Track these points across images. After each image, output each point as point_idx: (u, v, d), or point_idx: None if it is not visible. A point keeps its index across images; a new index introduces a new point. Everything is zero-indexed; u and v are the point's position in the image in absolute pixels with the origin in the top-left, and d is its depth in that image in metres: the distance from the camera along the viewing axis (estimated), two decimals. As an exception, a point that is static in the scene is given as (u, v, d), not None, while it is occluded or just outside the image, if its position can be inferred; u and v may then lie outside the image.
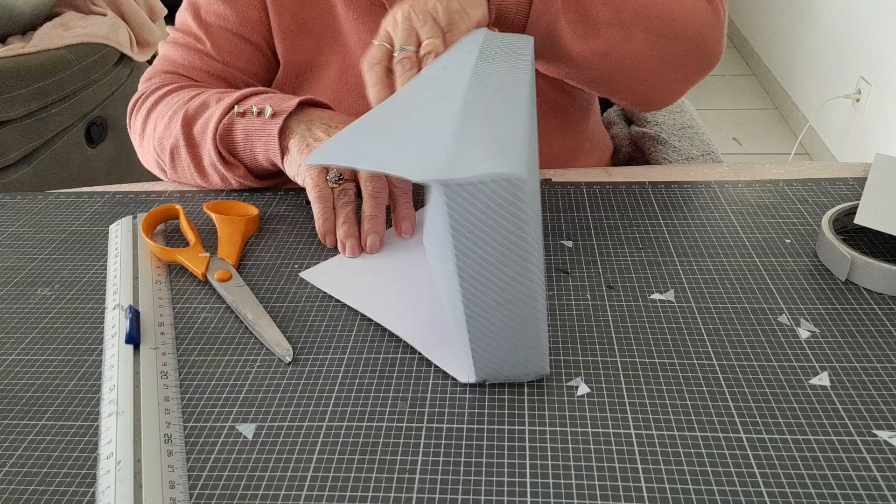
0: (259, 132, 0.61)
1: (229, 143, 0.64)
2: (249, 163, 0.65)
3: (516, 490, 0.36)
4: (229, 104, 0.63)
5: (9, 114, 1.65)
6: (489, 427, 0.40)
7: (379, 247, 0.56)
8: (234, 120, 0.62)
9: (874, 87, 2.01)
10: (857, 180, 0.62)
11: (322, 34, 0.73)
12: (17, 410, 0.44)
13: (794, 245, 0.54)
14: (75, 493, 0.38)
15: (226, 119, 0.63)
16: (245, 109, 0.62)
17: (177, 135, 0.65)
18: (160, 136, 0.67)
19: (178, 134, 0.65)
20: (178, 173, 0.68)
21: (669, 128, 0.88)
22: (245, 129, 0.62)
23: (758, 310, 0.48)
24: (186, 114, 0.65)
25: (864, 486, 0.35)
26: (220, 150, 0.63)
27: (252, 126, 0.61)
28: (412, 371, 0.45)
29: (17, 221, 0.66)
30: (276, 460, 0.39)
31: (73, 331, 0.51)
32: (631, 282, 0.51)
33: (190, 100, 0.66)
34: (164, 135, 0.67)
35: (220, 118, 0.62)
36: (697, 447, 0.38)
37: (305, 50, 0.74)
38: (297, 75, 0.75)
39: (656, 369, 0.44)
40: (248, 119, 0.62)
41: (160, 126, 0.67)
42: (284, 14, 0.72)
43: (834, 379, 0.42)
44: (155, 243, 0.57)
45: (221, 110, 0.63)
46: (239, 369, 0.46)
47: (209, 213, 0.61)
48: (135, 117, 0.72)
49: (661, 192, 0.63)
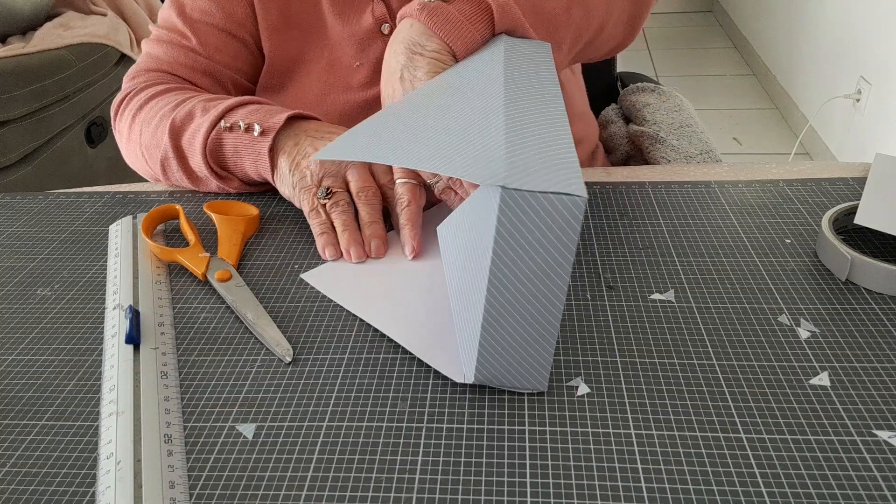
0: (248, 149, 0.60)
1: (219, 157, 0.63)
2: (241, 177, 0.64)
3: (516, 490, 0.36)
4: (215, 117, 0.62)
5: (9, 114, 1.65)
6: (489, 427, 0.40)
7: (384, 250, 0.56)
8: (223, 135, 0.61)
9: (874, 87, 2.01)
10: (857, 180, 0.62)
11: (308, 30, 0.73)
12: (17, 410, 0.44)
13: (794, 245, 0.54)
14: (75, 493, 0.38)
15: (213, 133, 0.62)
16: (232, 124, 0.61)
17: (165, 147, 0.65)
18: (147, 143, 0.67)
19: (167, 146, 0.64)
20: (171, 181, 0.68)
21: (668, 126, 0.88)
22: (234, 145, 0.61)
23: (758, 310, 0.48)
24: (174, 124, 0.64)
25: (864, 486, 0.35)
26: (212, 164, 0.63)
27: (241, 143, 0.61)
28: (412, 371, 0.45)
29: (17, 221, 0.66)
30: (276, 460, 0.39)
31: (73, 331, 0.51)
32: (631, 282, 0.51)
33: (176, 107, 0.65)
34: (150, 143, 0.66)
35: (207, 132, 0.62)
36: (697, 447, 0.38)
37: (292, 46, 0.74)
38: (283, 71, 0.75)
39: (656, 369, 0.44)
40: (236, 135, 0.61)
41: (146, 133, 0.67)
42: (271, 10, 0.72)
43: (834, 379, 0.42)
44: (155, 243, 0.57)
45: (208, 124, 0.62)
46: (239, 369, 0.46)
47: (209, 213, 0.61)
48: (120, 119, 0.71)
49: (661, 192, 0.63)
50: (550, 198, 0.36)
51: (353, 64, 0.72)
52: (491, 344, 0.40)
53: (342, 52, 0.73)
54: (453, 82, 0.51)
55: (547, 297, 0.39)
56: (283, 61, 0.74)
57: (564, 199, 0.36)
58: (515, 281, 0.38)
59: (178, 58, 0.72)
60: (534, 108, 0.45)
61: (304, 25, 0.73)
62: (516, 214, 0.36)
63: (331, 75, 0.73)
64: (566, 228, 0.36)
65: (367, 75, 0.72)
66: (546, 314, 0.39)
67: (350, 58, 0.72)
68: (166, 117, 0.65)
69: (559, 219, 0.36)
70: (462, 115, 0.45)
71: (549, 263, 0.38)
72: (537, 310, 0.39)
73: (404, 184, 0.57)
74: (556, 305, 0.39)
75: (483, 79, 0.49)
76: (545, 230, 0.36)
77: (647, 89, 0.95)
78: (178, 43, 0.72)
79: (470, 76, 0.51)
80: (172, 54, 0.72)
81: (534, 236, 0.37)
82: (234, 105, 0.63)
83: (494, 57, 0.52)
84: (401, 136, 0.46)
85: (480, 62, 0.53)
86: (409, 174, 0.57)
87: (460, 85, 0.50)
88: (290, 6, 0.73)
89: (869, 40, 2.06)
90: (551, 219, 0.36)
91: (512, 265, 0.38)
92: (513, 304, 0.39)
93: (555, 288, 0.38)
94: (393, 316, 0.49)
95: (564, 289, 0.39)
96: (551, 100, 0.47)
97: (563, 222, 0.36)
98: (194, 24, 0.72)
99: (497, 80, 0.48)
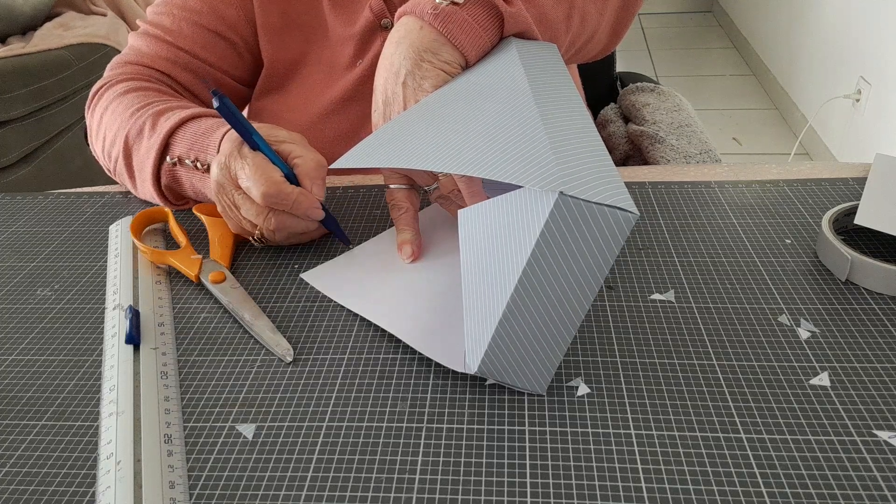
0: (203, 184, 0.60)
1: (180, 191, 0.63)
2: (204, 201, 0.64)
3: (516, 490, 0.36)
4: (159, 150, 0.61)
5: (9, 114, 1.65)
6: (489, 427, 0.40)
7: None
8: (178, 171, 0.61)
9: (874, 87, 2.01)
10: (857, 180, 0.62)
11: (309, 30, 0.73)
12: (17, 410, 0.44)
13: (794, 245, 0.54)
14: (75, 493, 0.38)
15: (165, 167, 0.61)
16: (178, 159, 0.61)
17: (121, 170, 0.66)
18: (108, 150, 0.67)
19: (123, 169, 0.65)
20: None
21: (667, 126, 0.88)
22: (191, 182, 0.61)
23: (758, 310, 0.48)
24: (127, 142, 0.64)
25: (864, 486, 0.35)
26: (168, 196, 0.63)
27: (195, 177, 0.60)
28: (412, 371, 0.45)
29: (17, 221, 0.66)
30: (276, 460, 0.39)
31: (73, 331, 0.51)
32: (631, 282, 0.51)
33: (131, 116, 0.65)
34: (111, 152, 0.67)
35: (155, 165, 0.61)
36: (697, 447, 0.38)
37: (292, 47, 0.74)
38: (283, 73, 0.75)
39: (656, 369, 0.44)
40: (188, 171, 0.60)
41: (108, 136, 0.67)
42: (272, 11, 0.72)
43: (834, 379, 0.42)
44: (146, 246, 0.57)
45: (153, 158, 0.61)
46: (239, 369, 0.46)
47: (199, 215, 0.60)
48: (92, 112, 0.71)
49: (661, 192, 0.63)
50: (604, 210, 0.36)
51: (354, 63, 0.72)
52: (504, 339, 0.40)
53: (343, 52, 0.73)
54: (473, 86, 0.51)
55: (572, 306, 0.39)
56: (283, 63, 0.74)
57: (617, 213, 0.36)
58: (546, 285, 0.38)
59: (160, 52, 0.72)
60: (564, 111, 0.45)
61: (304, 26, 0.73)
62: (566, 221, 0.36)
63: (331, 75, 0.73)
64: (610, 242, 0.37)
65: (369, 74, 0.72)
66: (566, 321, 0.40)
67: (350, 57, 0.72)
68: (123, 128, 0.65)
69: (606, 232, 0.36)
70: (495, 117, 0.45)
71: (585, 274, 0.38)
72: (559, 316, 0.39)
73: (399, 189, 0.56)
74: (578, 314, 0.39)
75: (505, 80, 0.49)
76: (590, 241, 0.37)
77: (647, 89, 0.95)
78: (161, 38, 0.72)
79: (490, 79, 0.51)
80: (155, 48, 0.72)
81: (577, 245, 0.37)
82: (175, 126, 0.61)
83: (510, 59, 0.52)
84: (431, 141, 0.45)
85: (496, 64, 0.53)
86: (403, 179, 0.56)
87: (482, 88, 0.49)
88: (291, 6, 0.72)
89: (869, 40, 2.06)
90: (599, 230, 0.36)
91: (548, 270, 0.38)
92: (536, 307, 0.39)
93: (582, 298, 0.39)
94: (393, 311, 0.49)
95: (591, 300, 0.39)
96: (575, 102, 0.47)
97: (610, 236, 0.36)
98: (181, 21, 0.72)
99: (521, 81, 0.48)
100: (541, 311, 0.39)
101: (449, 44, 0.53)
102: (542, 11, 0.58)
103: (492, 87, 0.49)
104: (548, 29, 0.59)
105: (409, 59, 0.53)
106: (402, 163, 0.45)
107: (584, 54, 0.70)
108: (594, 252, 0.37)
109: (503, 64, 0.52)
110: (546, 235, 0.37)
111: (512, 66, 0.50)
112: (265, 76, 0.75)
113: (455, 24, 0.53)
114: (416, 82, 0.53)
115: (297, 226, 0.56)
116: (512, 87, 0.48)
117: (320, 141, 0.72)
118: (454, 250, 0.55)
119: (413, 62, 0.53)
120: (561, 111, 0.44)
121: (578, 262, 0.37)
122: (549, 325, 0.40)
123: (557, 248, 0.37)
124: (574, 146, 0.40)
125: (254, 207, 0.54)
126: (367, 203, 0.64)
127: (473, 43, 0.54)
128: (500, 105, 0.46)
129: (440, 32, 0.53)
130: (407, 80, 0.53)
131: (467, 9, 0.54)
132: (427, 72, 0.53)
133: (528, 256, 0.37)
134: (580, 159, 0.39)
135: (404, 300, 0.50)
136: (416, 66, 0.53)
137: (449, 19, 0.53)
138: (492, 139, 0.42)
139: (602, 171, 0.38)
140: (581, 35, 0.64)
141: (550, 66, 0.52)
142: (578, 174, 0.37)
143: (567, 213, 0.36)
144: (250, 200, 0.54)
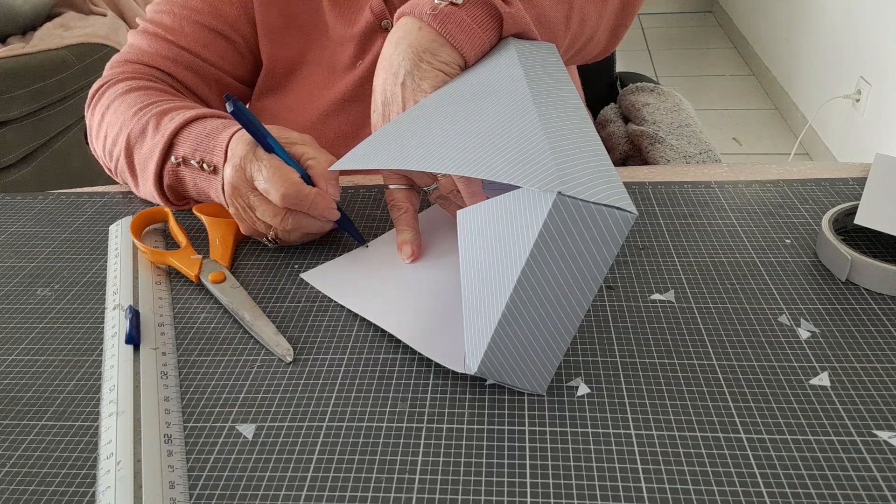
0: (208, 184, 0.60)
1: (182, 191, 0.63)
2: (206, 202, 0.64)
3: (516, 490, 0.36)
4: (163, 149, 0.61)
5: (9, 114, 1.65)
6: (489, 427, 0.40)
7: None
8: (181, 171, 0.61)
9: (874, 87, 2.01)
10: (857, 180, 0.62)
11: (309, 30, 0.73)
12: (17, 410, 0.44)
13: (794, 245, 0.54)
14: (75, 493, 0.38)
15: (168, 167, 0.61)
16: (183, 159, 0.60)
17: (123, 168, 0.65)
18: (109, 149, 0.67)
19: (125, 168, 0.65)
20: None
21: (667, 126, 0.88)
22: (195, 183, 0.61)
23: (758, 310, 0.48)
24: (129, 141, 0.64)
25: (864, 486, 0.35)
26: (169, 197, 0.63)
27: (200, 178, 0.60)
28: (412, 371, 0.45)
29: (17, 221, 0.66)
30: (276, 460, 0.39)
31: (73, 331, 0.51)
32: (631, 282, 0.51)
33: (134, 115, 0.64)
34: (112, 151, 0.66)
35: (159, 163, 0.61)
36: (697, 447, 0.38)
37: (292, 48, 0.73)
38: (283, 74, 0.75)
39: (656, 369, 0.44)
40: (192, 171, 0.60)
41: (110, 135, 0.67)
42: (272, 11, 0.72)
43: (834, 379, 0.42)
44: (146, 246, 0.57)
45: (157, 157, 0.61)
46: (239, 369, 0.46)
47: (199, 215, 0.61)
48: (92, 111, 0.71)
49: (661, 192, 0.63)
50: (603, 210, 0.36)
51: (354, 63, 0.72)
52: (503, 340, 0.40)
53: (343, 52, 0.73)
54: (472, 87, 0.51)
55: (571, 306, 0.39)
56: (283, 64, 0.74)
57: (616, 213, 0.36)
58: (545, 285, 0.38)
59: (160, 50, 0.72)
60: (563, 111, 0.45)
61: (304, 26, 0.73)
62: (564, 221, 0.36)
63: (331, 75, 0.73)
64: (609, 242, 0.37)
65: (369, 75, 0.72)
66: (566, 321, 0.40)
67: (351, 57, 0.72)
68: (125, 128, 0.64)
69: (605, 232, 0.36)
70: (494, 117, 0.45)
71: (584, 274, 0.38)
72: (559, 316, 0.39)
73: (399, 189, 0.56)
74: (577, 314, 0.39)
75: (504, 81, 0.49)
76: (588, 241, 0.37)
77: (647, 89, 0.95)
78: (161, 36, 0.72)
79: (489, 79, 0.51)
80: (155, 47, 0.72)
81: (576, 245, 0.37)
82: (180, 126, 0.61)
83: (509, 59, 0.52)
84: (431, 142, 0.45)
85: (495, 65, 0.53)
86: (402, 179, 0.56)
87: (481, 89, 0.50)
88: (291, 6, 0.72)
89: (869, 40, 2.06)
90: (598, 230, 0.36)
91: (547, 270, 0.38)
92: (535, 307, 0.39)
93: (581, 298, 0.39)
94: (393, 312, 0.49)
95: (590, 300, 0.39)
96: (573, 102, 0.47)
97: (609, 236, 0.36)
98: (181, 20, 0.72)
99: (519, 81, 0.48)
100: (540, 312, 0.39)
101: (448, 44, 0.53)
102: (542, 12, 0.58)
103: (491, 87, 0.49)
104: (547, 30, 0.59)
105: (407, 59, 0.53)
106: (402, 164, 0.45)
107: (583, 55, 0.70)
108: (593, 252, 0.37)
109: (502, 64, 0.52)
110: (545, 235, 0.37)
111: (511, 67, 0.50)
112: (265, 76, 0.75)
113: (454, 25, 0.53)
114: (414, 83, 0.53)
115: (313, 226, 0.56)
116: (511, 88, 0.47)
117: (321, 141, 0.72)
118: (454, 250, 0.55)
119: (412, 63, 0.53)
120: (560, 111, 0.44)
121: (577, 262, 0.37)
122: (549, 325, 0.40)
123: (556, 248, 0.37)
124: (573, 146, 0.40)
125: (270, 209, 0.54)
126: (367, 203, 0.64)
127: (472, 43, 0.54)
128: (499, 105, 0.46)
129: (439, 33, 0.53)
130: (406, 81, 0.53)
131: (466, 9, 0.54)
132: (426, 72, 0.53)
133: (526, 256, 0.37)
134: (579, 159, 0.39)
135: (404, 300, 0.50)
136: (415, 66, 0.53)
137: (448, 20, 0.53)
138: (491, 140, 0.42)
139: (601, 170, 0.38)
140: (580, 36, 0.64)
141: (549, 66, 0.52)
142: (577, 174, 0.37)
143: (565, 213, 0.36)
144: (267, 202, 0.54)
